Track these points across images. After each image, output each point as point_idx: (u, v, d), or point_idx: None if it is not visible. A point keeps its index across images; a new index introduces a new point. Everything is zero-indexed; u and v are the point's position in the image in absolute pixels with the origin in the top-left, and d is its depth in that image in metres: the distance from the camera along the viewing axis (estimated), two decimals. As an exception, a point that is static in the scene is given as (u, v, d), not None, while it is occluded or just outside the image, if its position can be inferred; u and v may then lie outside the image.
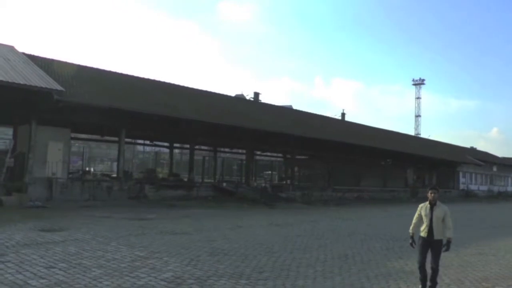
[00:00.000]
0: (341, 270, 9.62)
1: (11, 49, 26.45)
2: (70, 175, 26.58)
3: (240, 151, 44.12)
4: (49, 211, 18.68)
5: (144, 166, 47.17)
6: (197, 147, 34.53)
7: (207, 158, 45.09)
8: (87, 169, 39.75)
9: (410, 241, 8.44)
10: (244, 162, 39.01)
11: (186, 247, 11.40)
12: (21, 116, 22.52)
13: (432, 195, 8.15)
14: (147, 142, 43.06)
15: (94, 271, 8.34)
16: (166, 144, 41.96)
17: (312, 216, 22.64)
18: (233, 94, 47.81)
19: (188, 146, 34.39)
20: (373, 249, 12.39)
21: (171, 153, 42.25)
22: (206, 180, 39.37)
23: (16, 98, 21.68)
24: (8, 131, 27.67)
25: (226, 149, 46.42)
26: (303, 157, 45.45)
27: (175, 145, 41.90)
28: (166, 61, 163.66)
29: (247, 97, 49.78)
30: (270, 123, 33.90)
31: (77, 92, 23.11)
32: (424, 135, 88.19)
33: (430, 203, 8.16)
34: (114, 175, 30.91)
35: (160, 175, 38.04)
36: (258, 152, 46.20)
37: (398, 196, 43.42)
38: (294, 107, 54.66)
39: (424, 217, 8.14)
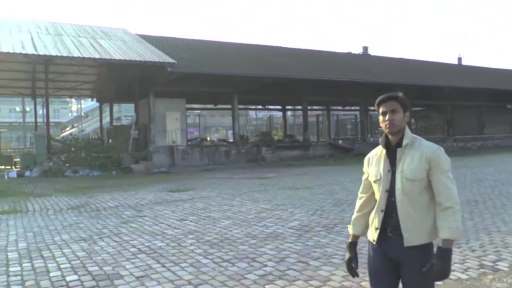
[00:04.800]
0: (472, 215, 8.94)
1: (124, 31, 29.20)
2: (189, 142, 27.82)
3: (353, 108, 43.33)
4: (173, 175, 19.93)
5: (259, 132, 48.05)
6: (309, 107, 34.36)
7: (320, 118, 44.83)
8: (204, 137, 41.32)
9: (347, 256, 3.04)
10: (358, 119, 38.27)
11: (309, 199, 11.42)
12: (140, 91, 24.00)
13: (388, 119, 2.89)
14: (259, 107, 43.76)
15: (223, 222, 8.65)
16: (278, 107, 42.35)
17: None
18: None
19: (300, 107, 34.38)
20: (506, 194, 11.49)
21: (284, 115, 42.67)
22: (321, 140, 39.23)
23: (135, 75, 23.29)
24: (131, 108, 29.72)
25: (339, 107, 45.80)
26: (419, 108, 43.55)
27: (287, 107, 42.13)
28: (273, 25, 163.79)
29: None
30: (382, 75, 32.78)
31: (188, 63, 24.33)
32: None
33: (386, 145, 2.93)
34: (231, 141, 31.87)
35: (276, 137, 38.54)
36: (372, 108, 45.04)
37: (530, 141, 40.00)
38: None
39: (374, 185, 2.97)
